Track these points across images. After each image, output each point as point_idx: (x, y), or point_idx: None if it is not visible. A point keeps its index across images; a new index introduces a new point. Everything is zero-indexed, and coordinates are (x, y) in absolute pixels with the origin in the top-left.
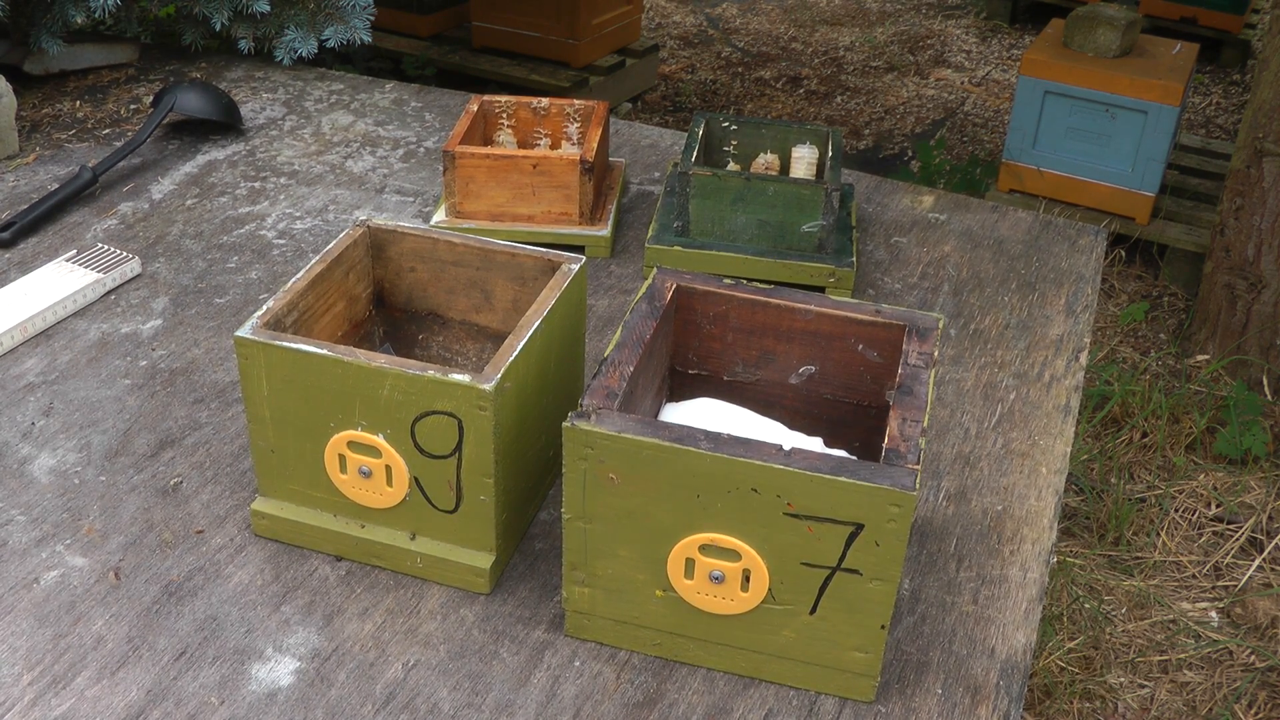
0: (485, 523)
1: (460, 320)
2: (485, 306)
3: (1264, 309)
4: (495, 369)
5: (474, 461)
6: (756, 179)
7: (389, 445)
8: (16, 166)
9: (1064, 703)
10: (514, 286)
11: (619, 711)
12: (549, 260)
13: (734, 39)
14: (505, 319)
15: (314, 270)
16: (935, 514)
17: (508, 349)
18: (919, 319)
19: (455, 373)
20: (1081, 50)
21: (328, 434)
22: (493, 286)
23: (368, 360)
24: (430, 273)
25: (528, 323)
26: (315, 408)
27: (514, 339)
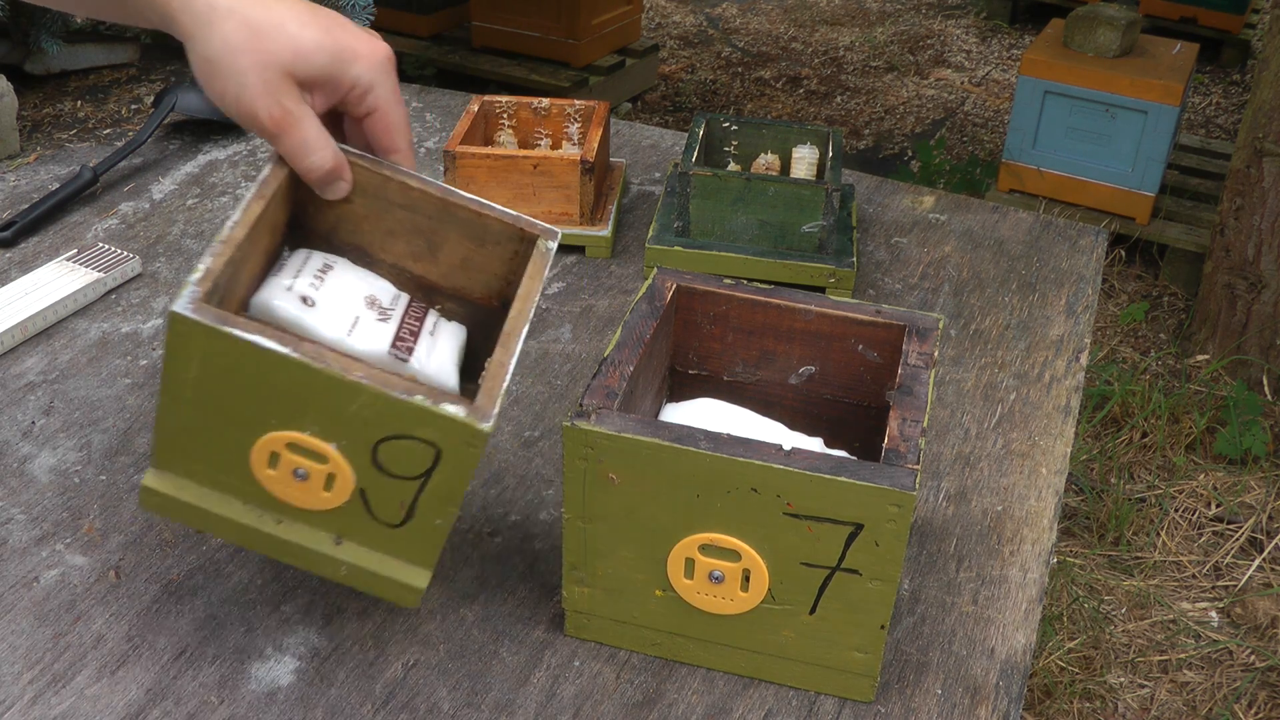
0: (431, 544)
1: (391, 264)
2: (426, 256)
3: (1264, 309)
4: (491, 401)
5: (442, 490)
6: (757, 179)
7: (340, 455)
8: (17, 166)
9: (1064, 703)
10: (468, 245)
11: (619, 711)
12: (521, 230)
13: (734, 39)
14: (448, 275)
15: (252, 211)
16: (935, 514)
17: (498, 371)
18: (919, 319)
19: (448, 403)
20: (1081, 50)
21: (264, 429)
22: (442, 239)
23: (341, 370)
24: (370, 209)
25: (514, 330)
26: (256, 403)
27: (503, 354)
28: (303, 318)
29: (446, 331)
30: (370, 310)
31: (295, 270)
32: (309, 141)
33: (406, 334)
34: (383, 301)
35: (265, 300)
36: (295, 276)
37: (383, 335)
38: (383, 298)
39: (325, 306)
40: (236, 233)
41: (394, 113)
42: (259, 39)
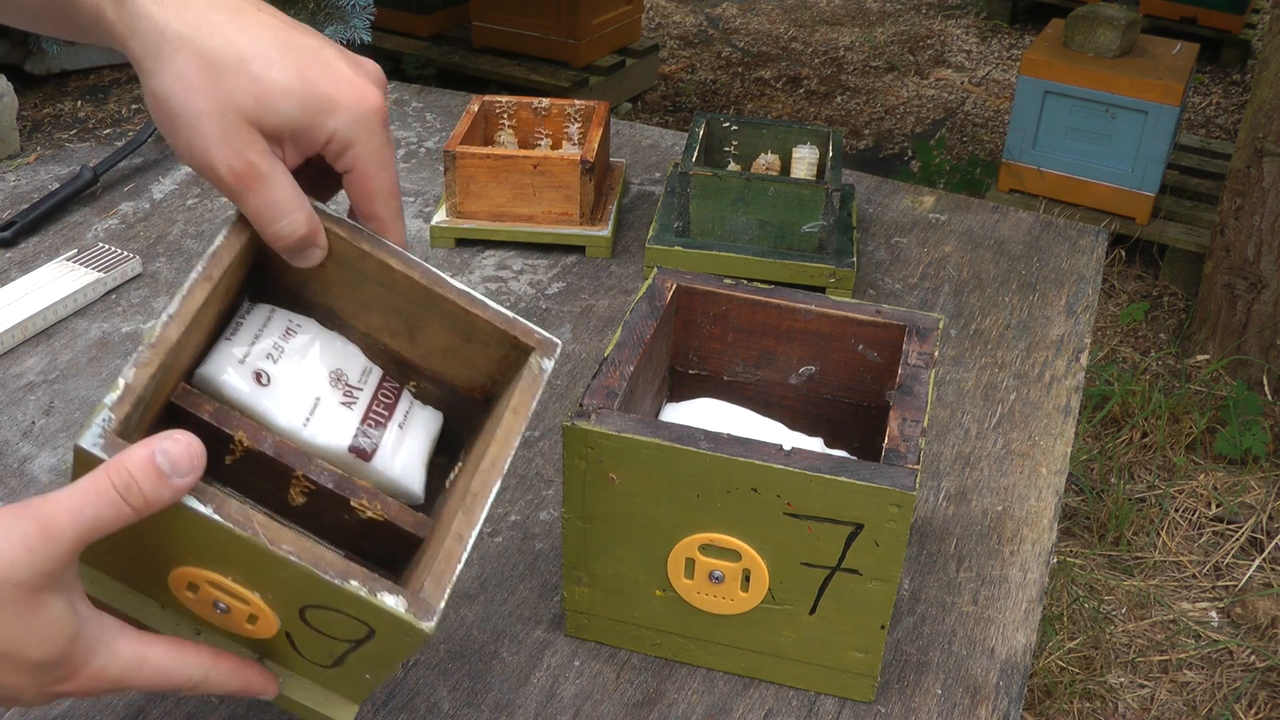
0: (359, 689)
1: (364, 332)
2: (404, 335)
3: (1264, 309)
4: (438, 593)
5: (375, 656)
6: (757, 179)
7: (264, 604)
8: (17, 166)
9: (1064, 703)
10: (453, 336)
11: (619, 711)
12: (514, 338)
13: (734, 39)
14: (427, 358)
15: (193, 299)
16: (935, 514)
17: (452, 553)
18: (919, 319)
19: (386, 594)
20: (1081, 50)
21: (183, 562)
22: (423, 324)
23: (267, 542)
24: (344, 277)
25: (482, 491)
26: (175, 542)
27: (463, 525)
28: (255, 399)
29: (419, 422)
30: (335, 389)
31: (252, 335)
32: (278, 203)
33: (372, 425)
34: (350, 377)
35: (213, 374)
36: (251, 344)
37: (345, 427)
38: (350, 372)
39: (282, 385)
40: (170, 332)
41: (377, 176)
42: (216, 78)
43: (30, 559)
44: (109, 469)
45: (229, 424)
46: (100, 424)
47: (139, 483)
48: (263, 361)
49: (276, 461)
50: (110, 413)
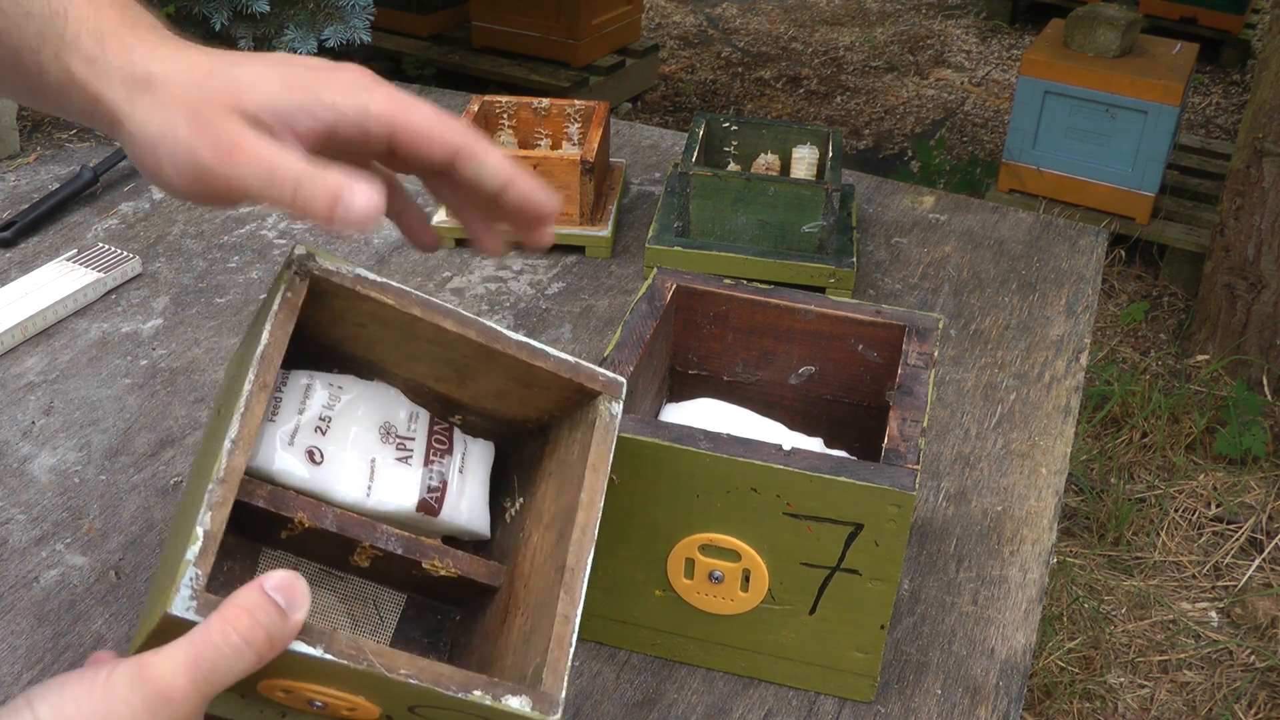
0: None
1: (408, 379)
2: (452, 381)
3: (1264, 309)
4: (558, 682)
5: None
6: (757, 179)
7: (367, 703)
8: (17, 166)
9: (1064, 703)
10: (509, 383)
11: (619, 711)
12: (579, 384)
13: (734, 39)
14: (477, 399)
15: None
16: (935, 514)
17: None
18: (919, 319)
19: (510, 697)
20: (1081, 50)
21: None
22: (476, 373)
23: (385, 670)
24: (388, 337)
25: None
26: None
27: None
28: (313, 480)
29: (475, 460)
30: (387, 445)
31: (296, 409)
32: (276, 164)
33: (434, 478)
34: (399, 428)
35: (265, 464)
36: (296, 420)
37: (407, 487)
38: (398, 422)
39: (335, 458)
40: (236, 461)
41: (416, 114)
42: (193, 88)
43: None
44: (224, 616)
45: (286, 507)
46: (189, 584)
47: (262, 622)
48: (312, 437)
49: (340, 535)
50: (196, 569)
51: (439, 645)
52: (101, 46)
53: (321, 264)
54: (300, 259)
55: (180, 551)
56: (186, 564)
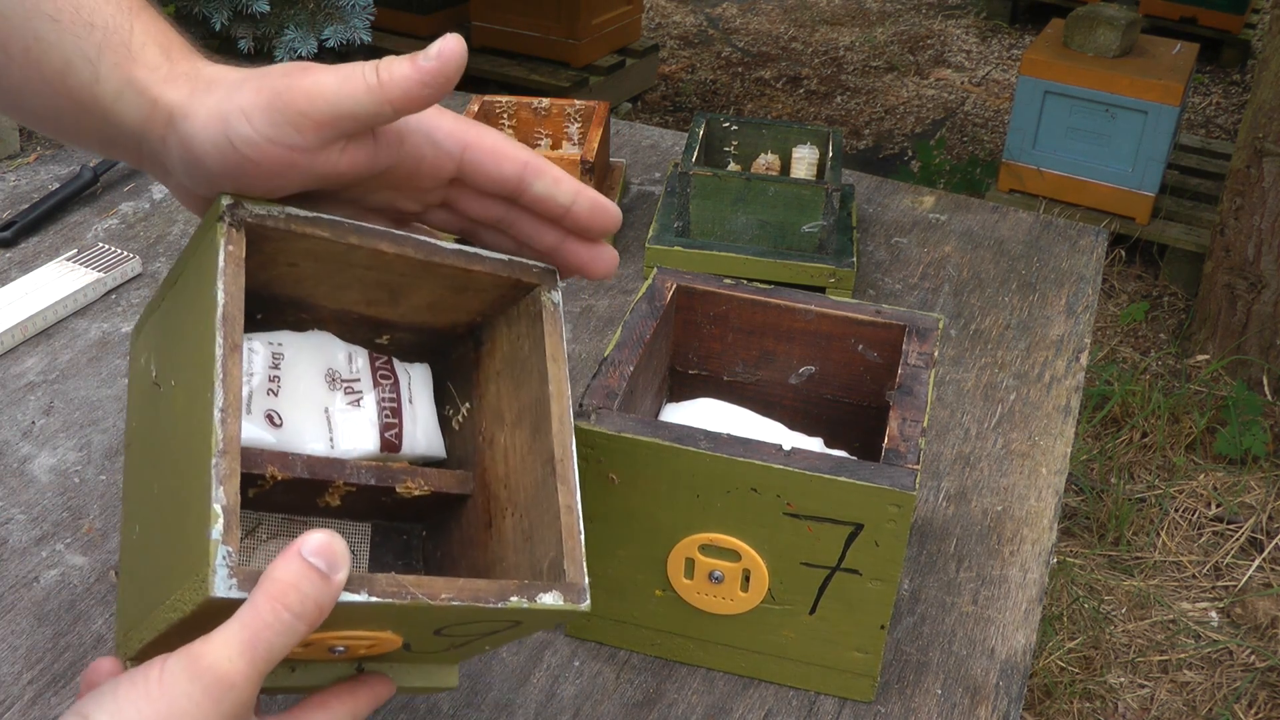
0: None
1: (336, 309)
2: (384, 303)
3: (1264, 309)
4: (577, 566)
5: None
6: (757, 179)
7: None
8: (17, 166)
9: (1064, 703)
10: (442, 292)
11: (619, 711)
12: (516, 279)
13: (734, 39)
14: (407, 315)
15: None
16: (935, 514)
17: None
18: (919, 319)
19: (543, 595)
20: (1081, 50)
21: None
22: (410, 290)
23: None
24: (321, 272)
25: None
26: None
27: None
28: (279, 444)
29: (419, 386)
30: (335, 391)
31: (245, 375)
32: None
33: (388, 415)
34: (342, 372)
35: None
36: (249, 385)
37: (365, 429)
38: (340, 365)
39: (292, 417)
40: (231, 428)
41: (485, 130)
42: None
43: (219, 710)
44: (269, 592)
45: (256, 465)
46: (224, 562)
47: (309, 592)
48: (266, 400)
49: (312, 480)
50: (226, 546)
51: (412, 564)
52: (167, 56)
53: (252, 209)
54: (229, 208)
55: (192, 532)
56: (215, 543)
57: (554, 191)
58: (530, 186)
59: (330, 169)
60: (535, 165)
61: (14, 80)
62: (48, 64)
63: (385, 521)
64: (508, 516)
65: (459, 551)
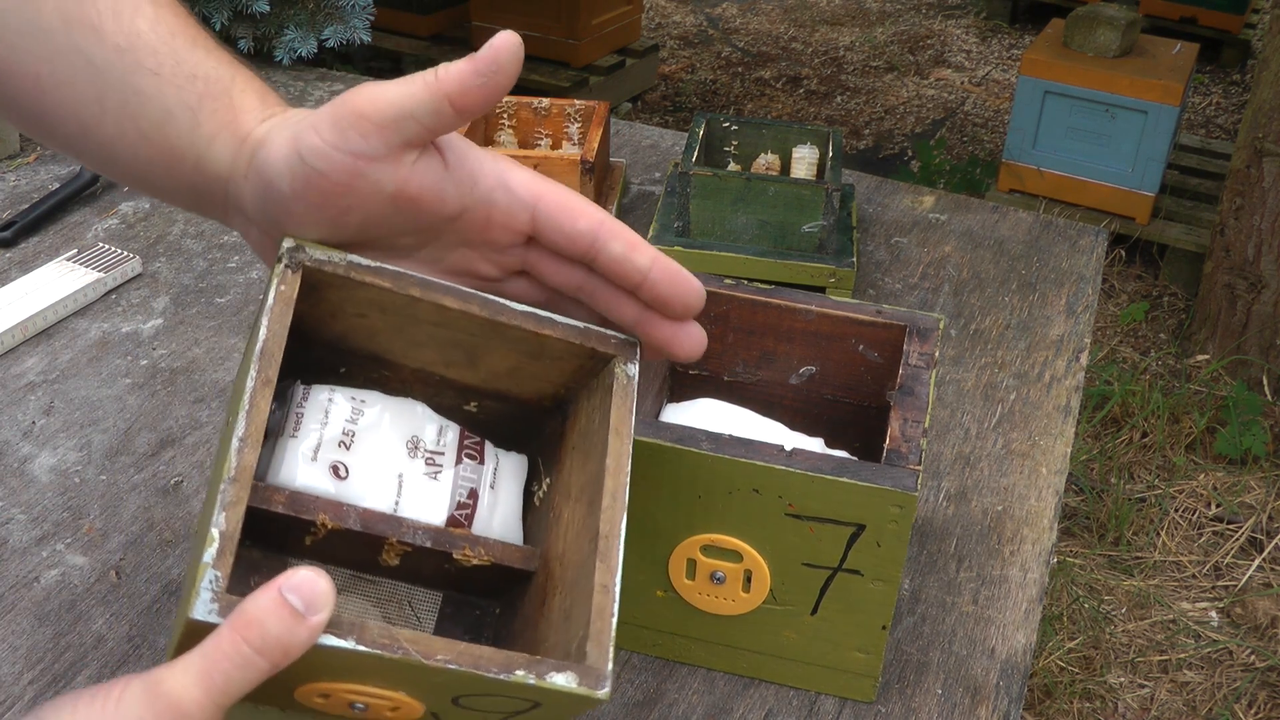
0: None
1: (417, 369)
2: (463, 364)
3: (1264, 309)
4: (603, 656)
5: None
6: (757, 179)
7: (410, 699)
8: (17, 166)
9: (1064, 703)
10: (519, 357)
11: (619, 711)
12: (591, 349)
13: (734, 39)
14: (489, 380)
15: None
16: (935, 514)
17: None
18: (919, 319)
19: (555, 674)
20: (1081, 50)
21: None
22: (485, 352)
23: (421, 656)
24: (392, 325)
25: (612, 531)
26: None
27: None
28: (338, 495)
29: (507, 473)
30: (415, 459)
31: (318, 424)
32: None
33: (464, 496)
34: (428, 443)
35: (288, 480)
36: (319, 435)
37: (436, 500)
38: (427, 436)
39: (362, 473)
40: (247, 459)
41: (558, 186)
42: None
43: None
44: (234, 625)
45: (307, 510)
46: (209, 587)
47: (274, 631)
48: (335, 452)
49: (366, 534)
50: (215, 570)
51: (481, 640)
52: (263, 102)
53: (311, 254)
54: (290, 251)
55: (196, 557)
56: (205, 567)
57: (630, 255)
58: (605, 248)
59: (400, 185)
60: (610, 226)
61: (108, 134)
62: (145, 116)
63: (457, 594)
64: (556, 595)
65: (519, 629)
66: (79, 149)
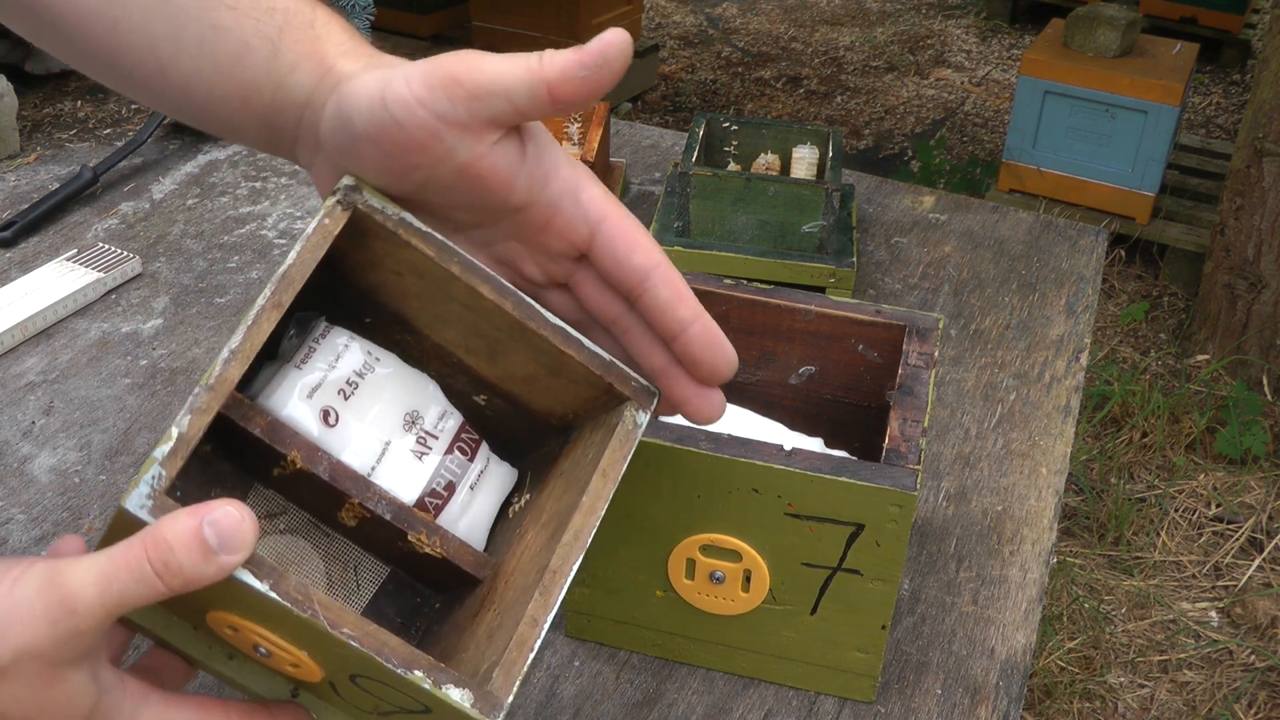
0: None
1: (438, 343)
2: (482, 355)
3: (1264, 309)
4: (507, 685)
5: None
6: (757, 179)
7: (310, 660)
8: (17, 166)
9: (1064, 703)
10: (538, 368)
11: (619, 711)
12: (608, 384)
13: (734, 39)
14: (505, 379)
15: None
16: (935, 514)
17: (524, 641)
18: (919, 319)
19: (452, 687)
20: (1081, 50)
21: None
22: (506, 351)
23: (328, 625)
24: (423, 290)
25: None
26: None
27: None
28: (320, 440)
29: (491, 480)
30: (407, 434)
31: (326, 365)
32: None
33: (442, 485)
34: (426, 423)
35: (277, 406)
36: (324, 376)
37: (413, 480)
38: (428, 416)
39: (351, 425)
40: (231, 371)
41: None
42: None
43: (51, 632)
44: (146, 540)
45: (282, 442)
46: (150, 482)
47: (179, 559)
48: (333, 398)
49: (331, 487)
50: (161, 468)
51: (411, 628)
52: (353, 40)
53: (367, 199)
54: (347, 189)
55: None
56: (152, 462)
57: (674, 305)
58: (653, 290)
59: (473, 160)
60: (664, 270)
61: (184, 71)
62: (223, 50)
63: (405, 574)
64: (491, 611)
65: (448, 630)
66: (155, 90)
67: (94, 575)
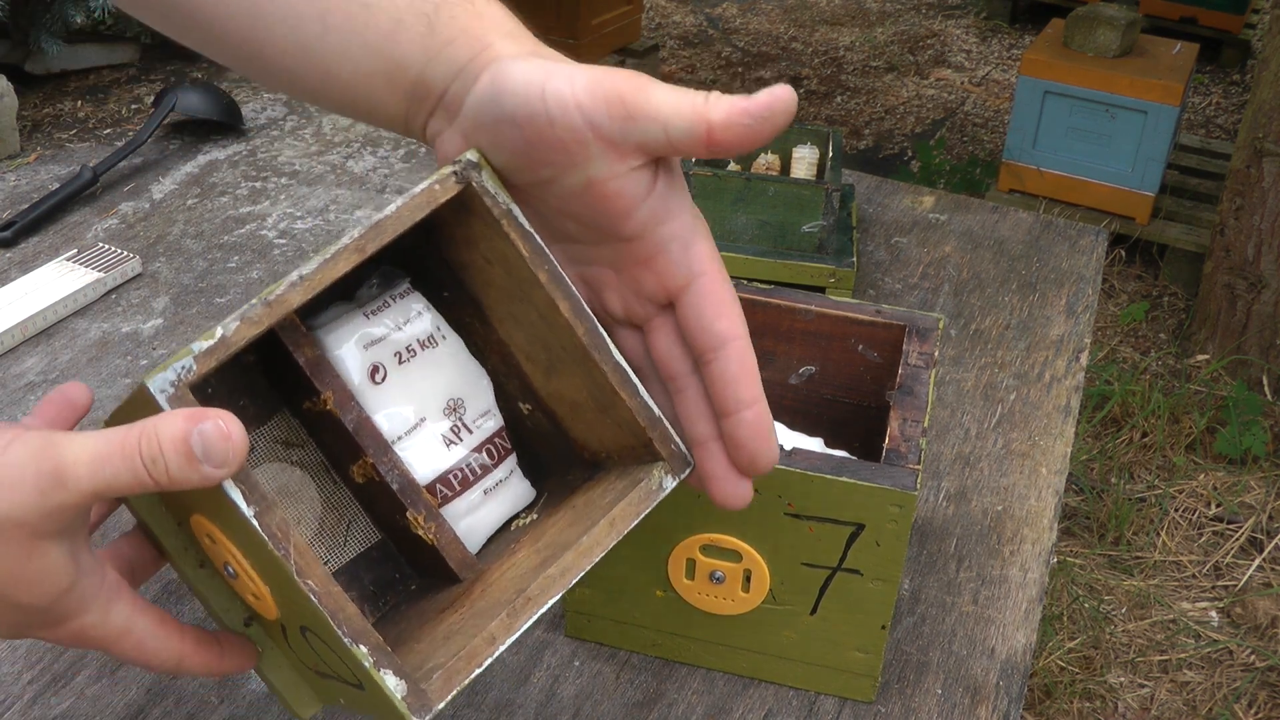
0: (330, 699)
1: (501, 340)
2: (540, 367)
3: (1264, 309)
4: (446, 687)
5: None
6: (757, 179)
7: (270, 598)
8: (17, 166)
9: (1064, 703)
10: (588, 398)
11: (619, 711)
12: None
13: (734, 39)
14: (554, 397)
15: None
16: (935, 514)
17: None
18: (919, 319)
19: (390, 673)
20: (1081, 50)
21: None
22: (564, 372)
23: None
24: (507, 288)
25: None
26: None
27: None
28: (360, 390)
29: (506, 494)
30: (444, 420)
31: (394, 323)
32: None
33: (457, 479)
34: (466, 416)
35: (332, 345)
36: (388, 331)
37: (433, 463)
38: (470, 410)
39: (392, 391)
40: (294, 296)
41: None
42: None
43: (39, 501)
44: (141, 431)
45: (321, 378)
46: (178, 370)
47: (166, 459)
48: (388, 358)
49: (351, 438)
50: (194, 362)
51: (380, 599)
52: (517, 24)
53: (484, 181)
54: (468, 164)
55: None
56: (188, 351)
57: (739, 381)
58: (722, 362)
59: (604, 177)
60: (740, 346)
61: (331, 49)
62: (374, 27)
63: (395, 548)
64: (458, 612)
65: (412, 616)
66: (296, 75)
67: (89, 454)
